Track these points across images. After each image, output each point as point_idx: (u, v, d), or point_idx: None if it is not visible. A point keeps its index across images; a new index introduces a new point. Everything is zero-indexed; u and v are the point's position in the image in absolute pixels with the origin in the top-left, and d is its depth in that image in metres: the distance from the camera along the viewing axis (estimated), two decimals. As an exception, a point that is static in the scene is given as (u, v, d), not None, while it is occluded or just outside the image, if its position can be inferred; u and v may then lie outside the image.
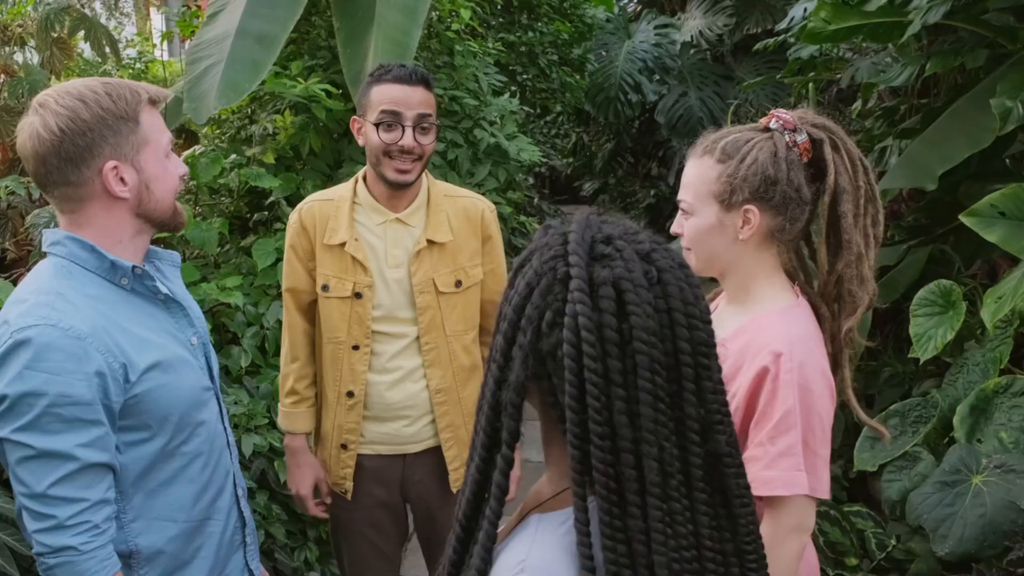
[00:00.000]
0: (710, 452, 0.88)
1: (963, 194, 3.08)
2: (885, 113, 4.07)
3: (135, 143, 1.43)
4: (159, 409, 1.45)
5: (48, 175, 1.41)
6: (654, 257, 0.89)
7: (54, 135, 1.38)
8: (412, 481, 2.27)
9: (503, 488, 0.89)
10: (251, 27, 3.24)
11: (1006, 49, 3.12)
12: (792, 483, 1.42)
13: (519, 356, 0.87)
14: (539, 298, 0.87)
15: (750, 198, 1.50)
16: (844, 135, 1.55)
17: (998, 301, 2.51)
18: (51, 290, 1.39)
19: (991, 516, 2.31)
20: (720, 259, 1.57)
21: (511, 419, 0.88)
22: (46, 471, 1.32)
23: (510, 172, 4.03)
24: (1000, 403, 2.56)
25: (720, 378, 0.91)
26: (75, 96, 1.39)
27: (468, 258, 2.22)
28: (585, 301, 0.84)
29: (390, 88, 2.05)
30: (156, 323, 1.51)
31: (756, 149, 1.50)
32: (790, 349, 1.44)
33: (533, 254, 0.91)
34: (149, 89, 1.47)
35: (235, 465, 1.67)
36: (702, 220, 1.55)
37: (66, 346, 1.33)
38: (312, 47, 3.94)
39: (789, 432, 1.42)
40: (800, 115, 1.54)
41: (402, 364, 2.19)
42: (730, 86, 6.40)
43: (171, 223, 1.53)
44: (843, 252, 1.54)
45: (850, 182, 1.52)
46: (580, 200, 8.71)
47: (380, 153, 2.07)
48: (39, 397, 1.31)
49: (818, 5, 3.31)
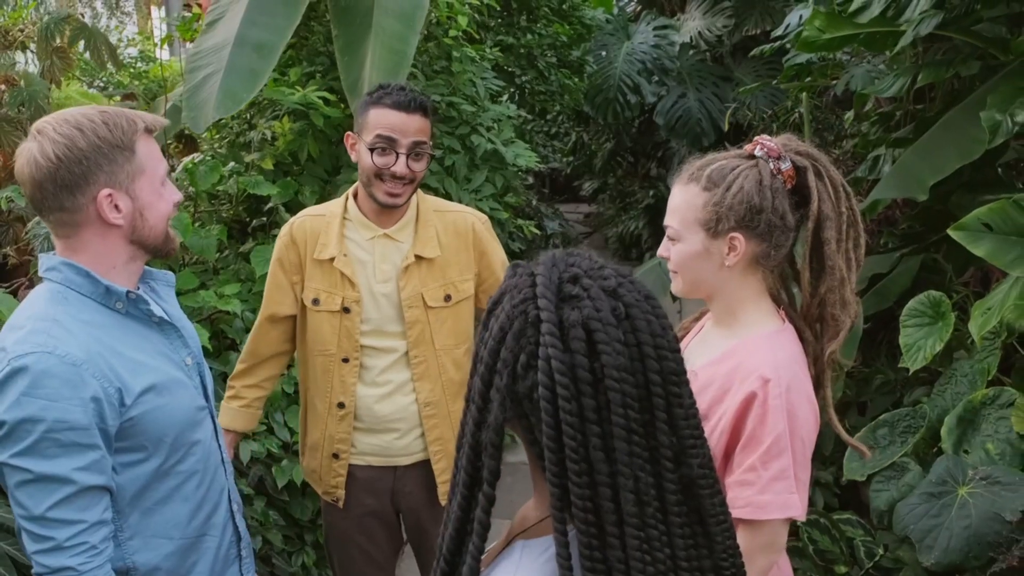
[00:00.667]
0: (684, 476, 0.91)
1: (954, 204, 3.10)
2: (881, 118, 4.09)
3: (130, 172, 1.47)
4: (154, 431, 1.49)
5: (44, 200, 1.44)
6: (620, 292, 0.91)
7: (50, 162, 1.41)
8: (403, 492, 2.31)
9: (485, 525, 0.92)
10: (249, 36, 3.26)
11: (998, 60, 3.14)
12: (786, 506, 1.45)
13: (496, 398, 0.90)
14: (512, 342, 0.90)
15: (736, 226, 1.52)
16: (827, 162, 1.58)
17: (986, 313, 2.54)
18: (47, 316, 1.42)
19: (976, 527, 2.34)
20: (706, 284, 1.60)
21: (491, 458, 0.91)
22: (44, 494, 1.36)
23: (507, 177, 4.06)
24: (987, 414, 2.59)
25: (692, 403, 0.94)
26: (72, 124, 1.43)
27: (458, 273, 2.25)
28: (556, 344, 0.87)
29: (388, 113, 2.08)
30: (151, 345, 1.54)
31: (742, 178, 1.52)
32: (777, 374, 1.47)
33: (504, 296, 0.94)
34: (145, 118, 1.50)
35: (230, 481, 1.71)
36: (688, 246, 1.57)
37: (62, 373, 1.37)
38: (311, 53, 3.97)
39: (781, 456, 1.45)
40: (784, 142, 1.57)
41: (392, 378, 2.23)
42: (729, 87, 6.42)
43: (163, 249, 1.57)
44: (826, 276, 1.56)
45: (833, 208, 1.55)
46: (580, 199, 8.73)
47: (372, 175, 2.10)
48: (37, 423, 1.35)
49: (813, 14, 3.32)
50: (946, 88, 3.68)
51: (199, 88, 3.14)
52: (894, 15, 2.96)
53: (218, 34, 3.34)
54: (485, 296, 2.33)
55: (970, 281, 3.52)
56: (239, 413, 2.29)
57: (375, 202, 2.14)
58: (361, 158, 2.12)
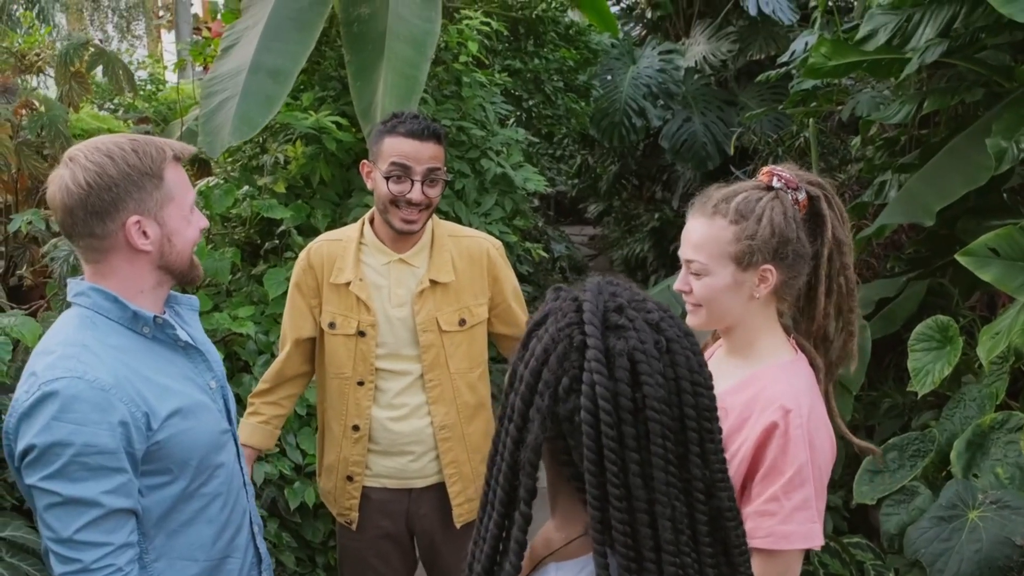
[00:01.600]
0: (714, 508, 0.94)
1: (961, 229, 3.13)
2: (886, 143, 4.13)
3: (159, 199, 1.50)
4: (180, 454, 1.51)
5: (74, 226, 1.48)
6: (663, 327, 0.94)
7: (81, 189, 1.44)
8: (417, 515, 2.33)
9: (522, 544, 0.94)
10: (264, 62, 3.31)
11: (1002, 87, 3.19)
12: (809, 536, 1.47)
13: (537, 418, 0.92)
14: (556, 364, 0.93)
15: (769, 258, 1.55)
16: (832, 190, 1.63)
17: (994, 338, 2.57)
18: (76, 342, 1.45)
19: (987, 551, 2.35)
20: (731, 315, 1.61)
21: (528, 477, 0.93)
22: (72, 517, 1.39)
23: (516, 201, 4.10)
24: (996, 438, 2.61)
25: (721, 439, 0.97)
26: (103, 152, 1.46)
27: (472, 297, 2.28)
28: (602, 371, 0.90)
29: (402, 142, 2.12)
30: (176, 369, 1.57)
31: (769, 210, 1.54)
32: (798, 404, 1.49)
33: (548, 317, 0.97)
34: (174, 146, 1.54)
35: (251, 504, 1.74)
36: (717, 280, 1.58)
37: (91, 397, 1.40)
38: (323, 78, 4.02)
39: (804, 486, 1.46)
40: (795, 172, 1.60)
41: (407, 400, 2.26)
42: (733, 111, 6.47)
43: (188, 275, 1.60)
44: (845, 296, 1.64)
45: (845, 234, 1.60)
46: (585, 222, 8.78)
47: (388, 202, 2.14)
48: (66, 447, 1.37)
49: (818, 41, 3.37)
50: (950, 114, 3.72)
51: (215, 113, 3.19)
52: (900, 43, 3.01)
53: (233, 60, 3.39)
54: (497, 321, 2.36)
55: (976, 305, 3.55)
56: (257, 429, 2.32)
57: (392, 229, 2.18)
58: (377, 186, 2.16)
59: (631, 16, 7.37)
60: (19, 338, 2.23)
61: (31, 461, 1.39)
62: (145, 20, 9.45)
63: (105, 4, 9.68)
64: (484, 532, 0.98)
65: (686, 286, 1.63)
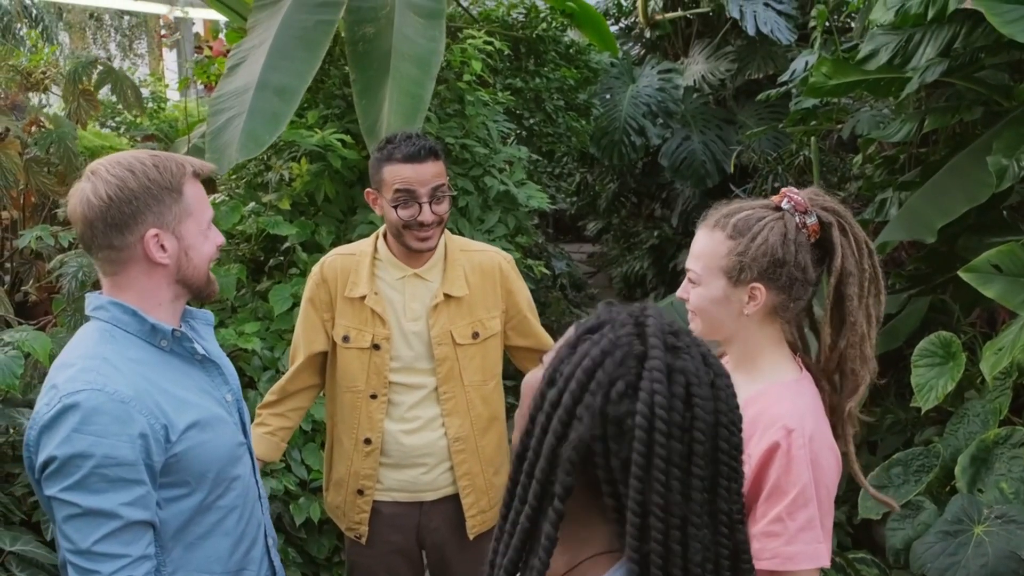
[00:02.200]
0: (734, 543, 0.96)
1: (962, 246, 3.16)
2: (885, 162, 4.17)
3: (177, 213, 1.52)
4: (197, 466, 1.52)
5: (94, 238, 1.49)
6: (710, 361, 0.97)
7: (102, 201, 1.47)
8: (428, 528, 2.33)
9: (553, 540, 0.94)
10: (271, 80, 3.34)
11: (1002, 106, 3.23)
12: (815, 556, 1.47)
13: (586, 416, 0.93)
14: (612, 367, 0.94)
15: (758, 277, 1.54)
16: (851, 218, 1.60)
17: (997, 353, 2.59)
18: (96, 355, 1.47)
19: (993, 566, 2.36)
20: (724, 328, 1.62)
21: (567, 474, 0.93)
22: (91, 528, 1.40)
23: (519, 218, 4.12)
24: (1000, 453, 2.63)
25: (741, 483, 0.99)
26: (124, 167, 1.49)
27: (485, 310, 2.30)
28: (662, 381, 0.92)
29: (402, 168, 2.14)
30: (193, 383, 1.59)
31: (767, 229, 1.54)
32: (801, 424, 1.49)
33: (604, 325, 0.99)
34: (194, 163, 1.56)
35: (266, 517, 1.75)
36: (709, 291, 1.60)
37: (111, 410, 1.41)
38: (327, 96, 4.05)
39: (807, 506, 1.46)
40: (811, 196, 1.59)
41: (421, 414, 2.27)
42: (732, 130, 6.51)
43: (204, 290, 1.62)
44: (846, 331, 1.58)
45: (856, 265, 1.56)
46: (583, 239, 8.79)
47: (400, 228, 2.16)
48: (86, 459, 1.39)
49: (819, 61, 3.42)
50: (948, 133, 3.76)
51: (222, 130, 3.21)
52: (901, 63, 3.05)
53: (240, 78, 3.42)
54: (514, 333, 2.38)
55: (976, 322, 3.57)
56: (262, 440, 2.32)
57: (409, 249, 2.20)
58: (386, 213, 2.19)
59: (629, 36, 7.42)
60: (31, 352, 2.25)
61: (51, 473, 1.40)
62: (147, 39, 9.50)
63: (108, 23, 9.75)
64: (511, 527, 0.98)
65: (685, 294, 1.66)
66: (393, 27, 3.68)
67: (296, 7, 3.64)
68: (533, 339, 2.42)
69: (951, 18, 2.82)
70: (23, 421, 2.31)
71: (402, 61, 3.58)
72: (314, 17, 3.61)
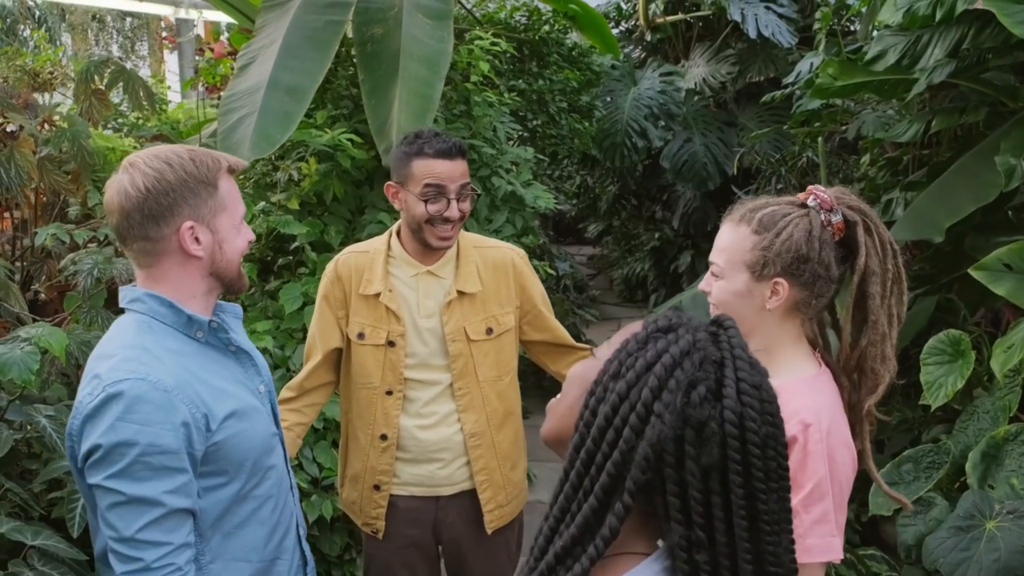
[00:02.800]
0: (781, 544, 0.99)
1: (969, 246, 3.19)
2: (889, 163, 4.20)
3: (213, 206, 1.54)
4: (236, 455, 1.54)
5: (130, 229, 1.51)
6: (764, 386, 0.99)
7: (140, 193, 1.48)
8: (444, 523, 2.34)
9: (615, 532, 0.95)
10: (282, 79, 3.35)
11: (1007, 107, 3.26)
12: (828, 549, 1.49)
13: (667, 415, 0.93)
14: (691, 368, 0.95)
15: (781, 272, 1.56)
16: (877, 218, 1.61)
17: (1007, 351, 2.61)
18: (136, 345, 1.48)
19: (1005, 560, 2.38)
20: (745, 322, 1.61)
21: (641, 472, 0.94)
22: (135, 516, 1.41)
23: (526, 218, 4.14)
24: (1010, 450, 2.65)
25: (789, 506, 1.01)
26: (162, 159, 1.50)
27: (498, 306, 2.32)
28: (750, 394, 0.95)
29: (433, 163, 2.16)
30: (228, 373, 1.60)
31: (792, 225, 1.56)
32: (818, 419, 1.51)
33: (679, 328, 1.00)
34: (229, 159, 1.58)
35: (297, 507, 1.76)
36: (731, 285, 1.62)
37: (155, 398, 1.43)
38: (335, 96, 4.06)
39: (823, 500, 1.49)
40: (837, 195, 1.61)
41: (436, 409, 2.28)
42: (733, 132, 6.55)
43: (236, 284, 1.63)
44: (867, 330, 1.59)
45: (879, 264, 1.58)
46: (584, 241, 8.82)
47: (423, 222, 2.18)
48: (131, 446, 1.40)
49: (826, 62, 3.45)
50: (951, 134, 3.80)
51: (234, 129, 3.22)
52: (909, 64, 3.08)
53: (251, 77, 3.43)
54: (529, 328, 2.40)
55: (981, 321, 3.60)
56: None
57: (426, 246, 2.22)
58: (410, 207, 2.20)
59: (630, 39, 7.46)
60: (47, 348, 2.25)
61: (96, 461, 1.41)
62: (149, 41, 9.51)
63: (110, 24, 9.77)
64: (571, 518, 0.98)
65: (708, 287, 1.67)
66: (401, 28, 3.69)
67: (305, 7, 3.66)
68: (549, 333, 2.44)
69: (959, 19, 2.85)
70: (40, 419, 2.31)
71: (411, 61, 3.59)
72: (323, 17, 3.63)
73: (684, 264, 7.02)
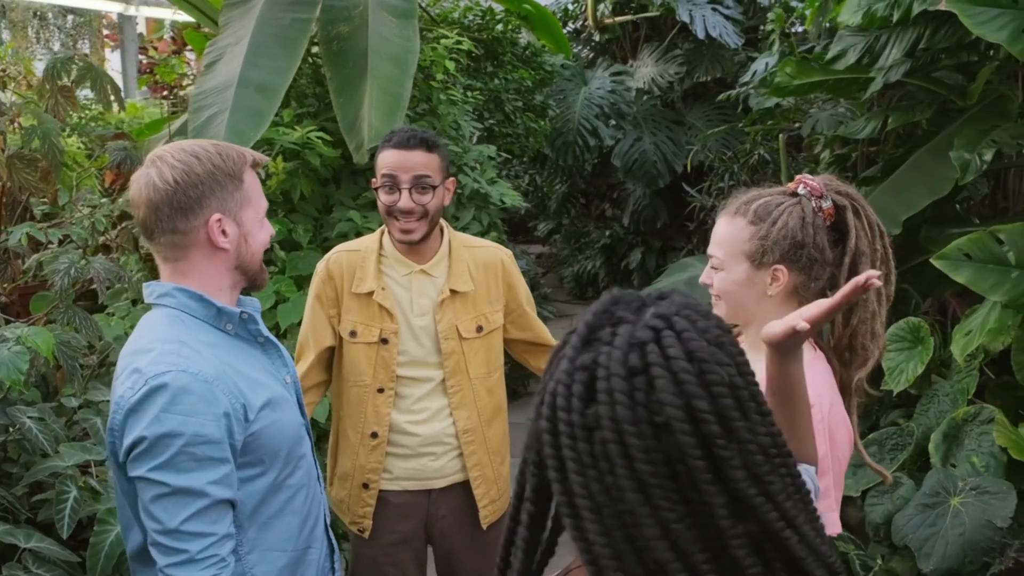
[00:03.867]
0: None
1: (924, 238, 3.33)
2: (838, 160, 4.36)
3: (239, 200, 1.55)
4: (271, 445, 1.56)
5: (158, 222, 1.51)
6: None
7: (168, 185, 1.49)
8: (436, 517, 2.37)
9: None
10: (252, 77, 3.33)
11: (956, 105, 3.42)
12: (828, 523, 1.55)
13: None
14: (725, 357, 0.89)
15: (780, 259, 1.64)
16: (864, 201, 1.70)
17: (967, 336, 2.75)
18: (173, 338, 1.49)
19: (970, 534, 2.51)
20: (747, 311, 1.71)
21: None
22: (179, 507, 1.41)
23: (491, 216, 4.18)
24: (970, 430, 2.79)
25: None
26: (189, 153, 1.51)
27: (488, 304, 2.36)
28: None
29: (390, 154, 2.20)
30: (259, 364, 1.62)
31: (786, 214, 1.64)
32: (819, 400, 1.57)
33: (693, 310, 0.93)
34: (253, 154, 1.59)
35: (324, 496, 1.78)
36: (732, 275, 1.69)
37: (198, 389, 1.43)
38: (299, 95, 4.04)
39: (824, 477, 1.55)
40: (825, 181, 1.69)
41: (428, 405, 2.31)
42: (682, 131, 6.70)
43: (258, 278, 1.65)
44: (858, 309, 1.67)
45: (869, 245, 1.66)
46: (535, 240, 8.90)
47: (385, 214, 2.21)
48: (176, 438, 1.41)
49: (784, 61, 3.57)
50: (899, 132, 3.96)
51: (205, 127, 3.19)
52: (868, 63, 3.21)
53: (219, 75, 3.40)
54: (513, 327, 2.44)
55: (929, 310, 3.77)
56: None
57: (396, 240, 2.25)
58: (378, 200, 2.23)
59: (579, 39, 7.57)
60: (34, 348, 2.21)
61: (140, 453, 1.41)
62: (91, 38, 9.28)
63: (51, 21, 9.51)
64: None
65: (709, 279, 1.74)
66: (368, 26, 3.70)
67: (271, 5, 3.63)
68: (531, 332, 2.49)
69: (915, 20, 2.98)
70: (24, 420, 2.28)
71: (380, 60, 3.60)
72: (290, 15, 3.61)
73: (635, 261, 7.15)
